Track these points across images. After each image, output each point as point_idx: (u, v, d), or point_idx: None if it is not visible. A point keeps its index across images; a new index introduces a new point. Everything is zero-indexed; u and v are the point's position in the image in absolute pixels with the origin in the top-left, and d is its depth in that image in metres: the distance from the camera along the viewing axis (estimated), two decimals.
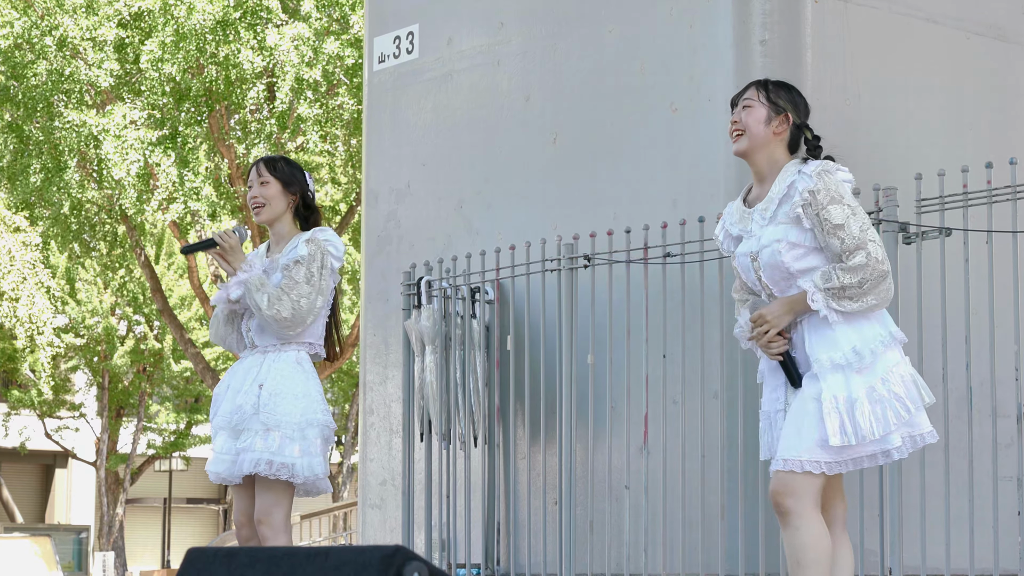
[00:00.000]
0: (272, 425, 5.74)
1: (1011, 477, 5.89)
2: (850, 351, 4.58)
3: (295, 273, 5.83)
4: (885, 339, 4.62)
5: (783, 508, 4.59)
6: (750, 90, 4.86)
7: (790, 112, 4.81)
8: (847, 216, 4.63)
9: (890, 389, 4.56)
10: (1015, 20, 7.09)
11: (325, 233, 5.95)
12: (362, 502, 7.97)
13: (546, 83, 7.24)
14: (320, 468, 5.76)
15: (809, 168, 4.71)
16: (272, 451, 5.72)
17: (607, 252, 6.52)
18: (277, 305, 5.79)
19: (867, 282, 4.58)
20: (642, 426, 6.42)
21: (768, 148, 4.80)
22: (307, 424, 5.77)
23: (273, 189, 6.01)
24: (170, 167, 18.88)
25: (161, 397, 33.66)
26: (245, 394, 5.82)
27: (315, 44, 18.46)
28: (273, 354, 5.87)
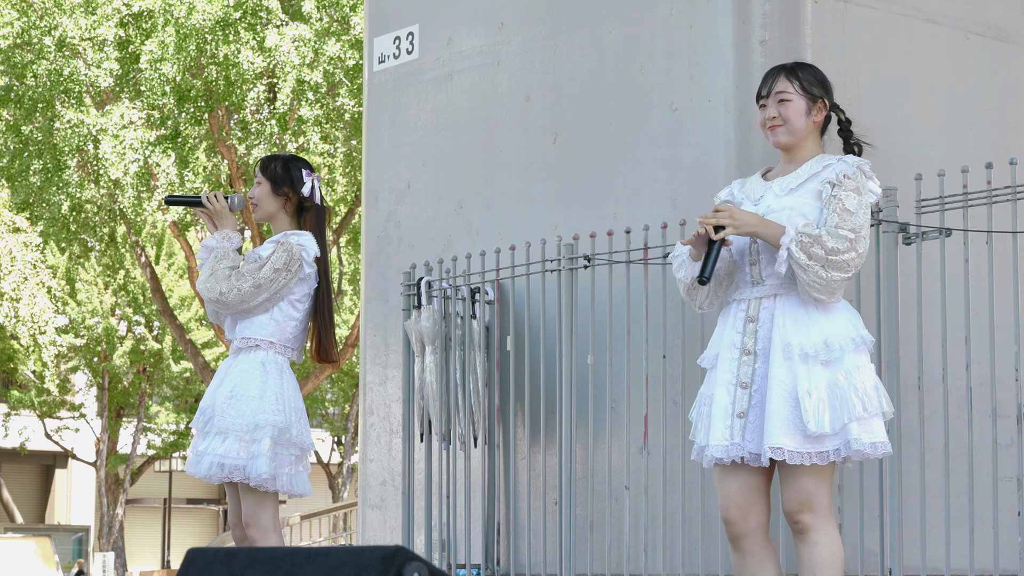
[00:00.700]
0: (224, 428, 5.82)
1: (1011, 477, 5.89)
2: (820, 342, 4.58)
3: (245, 267, 5.90)
4: (856, 340, 4.63)
5: (802, 524, 4.56)
6: (780, 80, 4.81)
7: (824, 97, 4.82)
8: (859, 208, 4.63)
9: (852, 383, 4.57)
10: (1015, 20, 7.09)
11: (300, 236, 5.98)
12: (362, 502, 7.97)
13: (546, 83, 7.24)
14: (264, 468, 5.78)
15: (851, 159, 4.72)
16: (222, 454, 5.80)
17: (607, 252, 6.52)
18: (212, 282, 5.92)
19: (838, 258, 4.56)
20: (642, 426, 6.42)
21: (807, 139, 4.82)
22: (255, 426, 5.81)
23: (263, 190, 6.06)
24: (170, 167, 18.88)
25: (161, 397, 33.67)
26: (210, 396, 5.93)
27: (316, 45, 18.46)
28: (243, 355, 5.94)
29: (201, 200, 6.06)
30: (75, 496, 38.55)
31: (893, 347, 5.76)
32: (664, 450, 6.32)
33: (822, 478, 4.58)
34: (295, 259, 5.89)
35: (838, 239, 4.57)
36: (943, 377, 5.80)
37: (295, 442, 5.88)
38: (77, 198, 19.90)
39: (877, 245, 5.88)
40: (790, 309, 4.64)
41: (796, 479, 4.57)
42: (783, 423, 4.54)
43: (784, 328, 4.61)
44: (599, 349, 6.57)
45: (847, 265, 4.57)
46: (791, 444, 4.53)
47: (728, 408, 4.66)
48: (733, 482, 4.70)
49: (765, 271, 4.71)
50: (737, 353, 4.69)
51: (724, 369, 4.71)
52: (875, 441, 4.58)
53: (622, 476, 6.47)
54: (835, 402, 4.54)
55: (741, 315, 4.73)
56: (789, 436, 4.54)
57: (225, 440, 5.81)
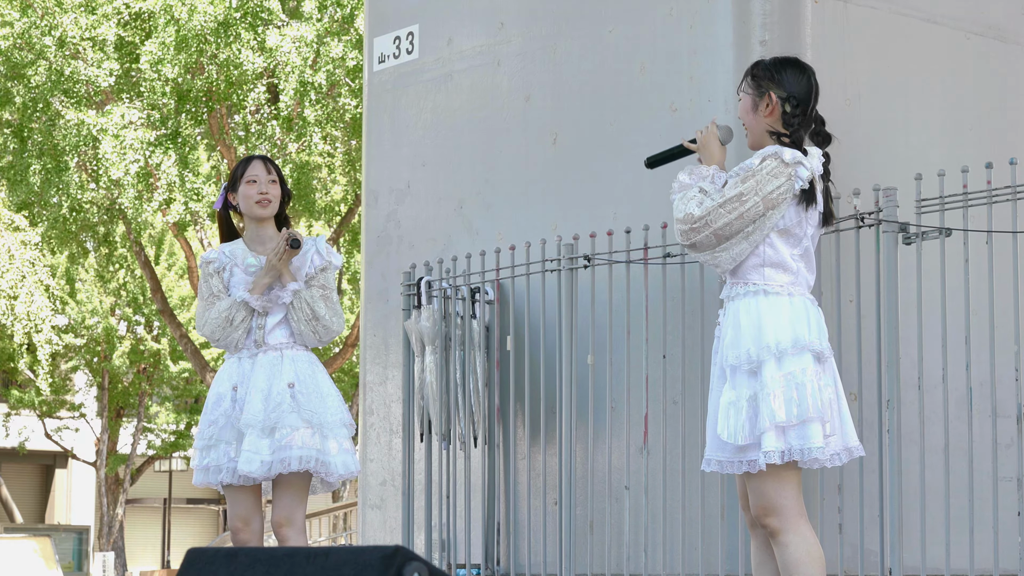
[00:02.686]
0: (314, 424, 5.75)
1: (1011, 477, 5.89)
2: (744, 352, 4.60)
3: (326, 280, 5.92)
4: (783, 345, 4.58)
5: (769, 528, 4.60)
6: (744, 79, 4.84)
7: (772, 90, 4.75)
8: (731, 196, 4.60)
9: (773, 391, 4.55)
10: (1015, 21, 7.09)
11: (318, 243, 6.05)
12: (362, 502, 7.96)
13: (546, 83, 7.24)
14: (354, 466, 5.80)
15: (765, 150, 4.69)
16: (319, 449, 5.73)
17: (607, 252, 6.51)
18: (333, 316, 5.88)
19: (688, 213, 4.61)
20: (642, 426, 6.41)
21: (764, 138, 4.76)
22: (342, 424, 5.81)
23: (278, 190, 6.06)
24: (170, 167, 18.87)
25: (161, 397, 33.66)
26: (279, 393, 5.78)
27: (317, 46, 18.45)
28: (291, 353, 5.88)
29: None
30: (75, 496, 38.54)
31: (893, 347, 5.76)
32: (664, 450, 6.32)
33: (782, 481, 4.59)
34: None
35: (687, 203, 4.64)
36: (943, 377, 5.80)
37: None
38: (77, 198, 19.89)
39: (877, 245, 5.88)
40: (733, 317, 4.68)
41: (756, 485, 4.63)
42: (714, 435, 4.67)
43: (724, 340, 4.68)
44: (599, 349, 6.56)
45: (684, 235, 4.64)
46: (720, 455, 4.64)
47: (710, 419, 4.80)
48: (737, 478, 4.81)
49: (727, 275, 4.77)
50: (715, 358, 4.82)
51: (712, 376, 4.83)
52: (805, 447, 4.53)
53: (622, 476, 6.47)
54: (752, 412, 4.56)
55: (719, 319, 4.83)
56: (719, 448, 4.63)
57: (313, 435, 5.74)
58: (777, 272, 4.65)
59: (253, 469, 5.71)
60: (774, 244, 4.64)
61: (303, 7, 18.76)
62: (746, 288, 4.65)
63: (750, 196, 4.58)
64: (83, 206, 20.35)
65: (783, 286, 4.64)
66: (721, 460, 4.63)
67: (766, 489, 4.59)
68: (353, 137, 19.68)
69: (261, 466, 5.70)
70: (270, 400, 5.78)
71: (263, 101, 19.19)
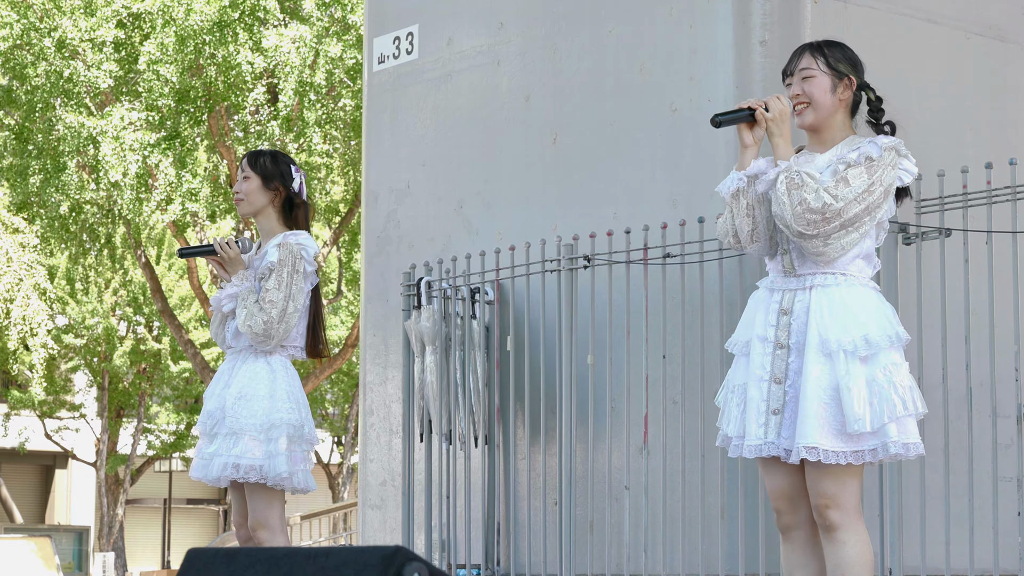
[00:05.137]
0: (238, 429, 5.79)
1: (1011, 478, 5.89)
2: (860, 337, 4.49)
3: (267, 282, 5.87)
4: (892, 337, 4.54)
5: (828, 522, 4.48)
6: (805, 57, 4.69)
7: (852, 75, 4.73)
8: (862, 185, 4.53)
9: (891, 381, 4.49)
10: (1014, 20, 7.09)
11: (298, 237, 5.96)
12: (362, 503, 7.96)
13: (546, 83, 7.24)
14: (283, 467, 5.78)
15: (882, 140, 4.63)
16: (237, 454, 5.77)
17: (607, 252, 6.51)
18: (251, 320, 5.84)
19: (806, 213, 4.47)
20: (642, 426, 6.41)
21: (834, 118, 4.71)
22: (271, 425, 5.80)
23: (253, 184, 6.03)
24: (168, 168, 18.87)
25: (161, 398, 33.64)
26: (217, 398, 5.89)
27: (316, 46, 18.45)
28: (246, 355, 5.92)
29: (214, 249, 6.04)
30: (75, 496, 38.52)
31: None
32: (664, 450, 6.32)
33: (852, 476, 4.48)
34: (299, 259, 5.88)
35: (817, 196, 4.51)
36: (943, 377, 5.80)
37: (307, 439, 5.90)
38: (76, 199, 19.89)
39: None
40: (827, 303, 4.54)
41: (824, 476, 4.47)
42: (818, 421, 4.44)
43: (821, 322, 4.51)
44: (599, 349, 6.56)
45: (812, 225, 4.48)
46: (827, 443, 4.42)
47: (762, 405, 4.56)
48: (778, 475, 4.62)
49: (796, 263, 4.63)
50: (771, 347, 4.60)
51: (757, 363, 4.60)
52: (909, 442, 4.49)
53: (622, 476, 6.47)
54: (874, 400, 4.45)
55: (775, 306, 4.62)
56: (824, 435, 4.44)
57: (239, 441, 5.78)
58: (866, 264, 4.61)
59: (200, 474, 5.88)
60: (871, 236, 4.62)
61: (302, 7, 18.76)
62: (835, 278, 4.56)
63: (876, 187, 4.55)
64: (82, 206, 20.36)
65: (869, 279, 4.62)
66: (828, 450, 4.41)
67: (836, 482, 4.43)
68: (353, 137, 19.68)
69: (206, 473, 5.83)
70: (211, 407, 5.90)
71: (262, 102, 19.19)
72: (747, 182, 4.67)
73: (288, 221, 6.04)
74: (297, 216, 6.06)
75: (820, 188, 4.50)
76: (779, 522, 4.67)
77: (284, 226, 6.02)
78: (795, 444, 4.46)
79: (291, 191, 6.02)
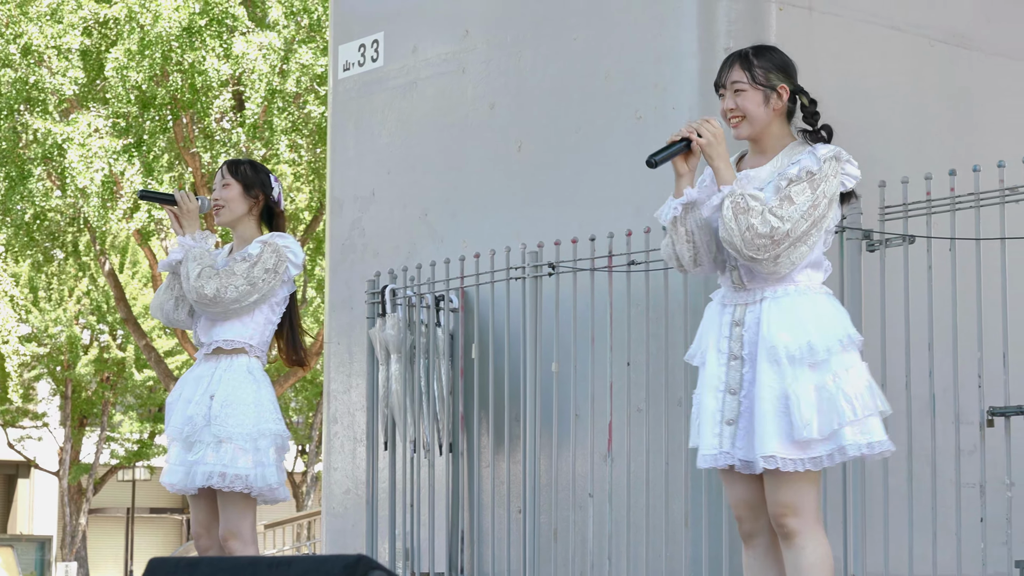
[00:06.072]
0: (224, 437, 5.70)
1: (974, 483, 5.91)
2: (805, 344, 4.52)
3: (236, 266, 5.81)
4: (843, 340, 4.56)
5: (787, 529, 4.48)
6: (735, 70, 4.70)
7: (783, 82, 4.73)
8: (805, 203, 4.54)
9: (840, 387, 4.51)
10: (978, 27, 7.12)
11: (285, 239, 5.93)
12: (326, 511, 7.94)
13: (511, 91, 7.24)
14: (274, 478, 5.72)
15: (821, 151, 4.64)
16: (225, 463, 5.68)
17: (572, 260, 6.52)
18: (204, 280, 5.75)
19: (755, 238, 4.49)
20: (606, 434, 6.41)
21: (770, 128, 4.72)
22: (259, 434, 5.73)
23: (233, 191, 5.99)
24: (134, 175, 18.82)
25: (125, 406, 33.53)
26: (197, 404, 5.78)
27: (284, 53, 18.43)
28: (225, 362, 5.83)
29: (174, 198, 5.99)
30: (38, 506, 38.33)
31: None
32: (628, 458, 6.32)
33: (808, 483, 4.50)
34: (283, 261, 5.84)
35: (764, 220, 4.51)
36: (906, 383, 5.81)
37: (286, 449, 5.87)
38: (41, 206, 19.81)
39: (841, 252, 5.90)
40: (776, 312, 4.57)
41: (781, 485, 4.48)
42: (773, 430, 4.46)
43: (769, 331, 4.53)
44: (564, 357, 6.56)
45: (762, 249, 4.49)
46: (783, 451, 4.46)
47: (717, 415, 4.59)
48: (738, 484, 4.64)
49: (745, 277, 4.65)
50: (725, 358, 4.62)
51: (712, 374, 4.62)
52: (872, 441, 4.51)
53: (586, 484, 6.47)
54: (823, 406, 4.47)
55: (727, 318, 4.64)
56: (780, 443, 4.46)
57: (222, 448, 5.69)
58: (815, 271, 4.62)
59: (175, 481, 5.76)
60: (819, 244, 4.62)
61: (269, 14, 18.74)
62: (785, 288, 4.58)
63: (820, 200, 4.55)
64: (47, 214, 20.27)
65: (820, 284, 4.63)
66: (785, 458, 4.42)
67: (793, 488, 4.44)
68: (318, 145, 19.66)
69: (180, 478, 5.73)
70: (191, 413, 5.79)
71: (228, 108, 19.15)
72: (683, 210, 4.68)
73: (266, 230, 6.03)
74: (276, 225, 6.04)
75: (766, 211, 4.50)
76: (741, 530, 4.69)
77: (260, 234, 6.00)
78: (755, 455, 4.48)
79: (271, 200, 6.01)
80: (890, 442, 4.56)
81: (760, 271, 4.55)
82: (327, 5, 17.84)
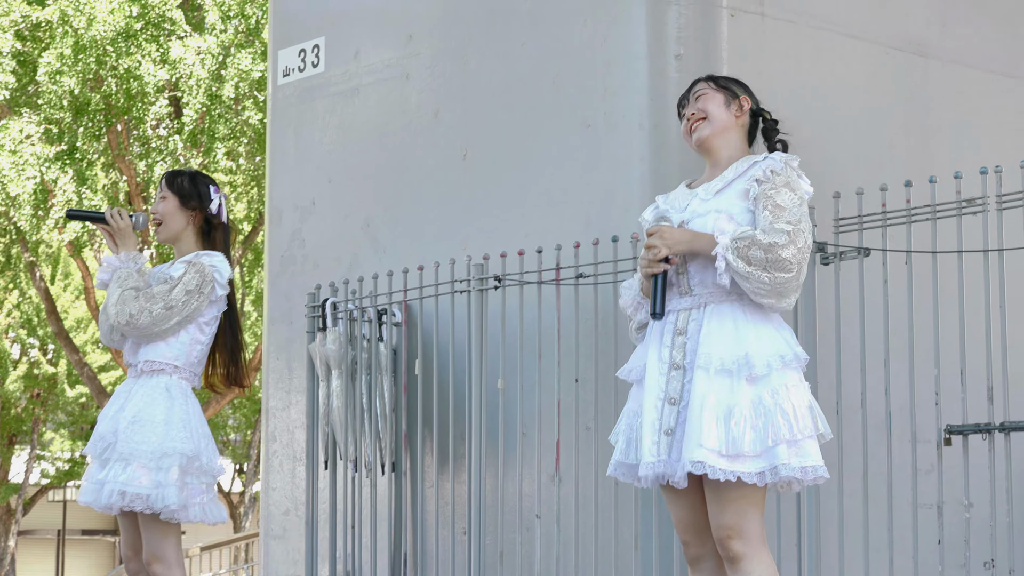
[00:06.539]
0: (128, 454, 5.70)
1: (931, 504, 5.93)
2: (742, 356, 4.52)
3: (156, 288, 5.80)
4: (785, 357, 4.57)
5: (732, 553, 4.48)
6: (699, 84, 4.83)
7: (747, 96, 4.81)
8: (793, 203, 4.59)
9: (777, 403, 4.51)
10: (934, 35, 7.16)
11: (212, 257, 5.91)
12: (264, 533, 7.90)
13: (456, 98, 7.23)
14: (174, 498, 5.69)
15: (779, 155, 4.69)
16: (124, 481, 5.68)
17: (518, 273, 6.51)
18: (121, 304, 5.77)
19: (778, 254, 4.50)
20: (554, 453, 6.40)
21: (728, 134, 4.77)
22: (163, 453, 5.71)
23: (170, 205, 5.97)
24: (67, 184, 18.70)
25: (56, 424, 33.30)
26: (110, 421, 5.81)
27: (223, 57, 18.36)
28: (144, 379, 5.84)
29: (104, 216, 5.96)
30: None
31: (810, 370, 5.78)
32: (576, 477, 6.31)
33: (752, 504, 4.50)
34: (208, 280, 5.82)
35: (774, 234, 4.51)
36: (861, 401, 5.83)
37: (205, 470, 5.82)
38: None
39: None
40: (717, 321, 4.58)
41: (724, 503, 4.49)
42: (705, 438, 4.46)
43: (708, 340, 4.55)
44: (510, 373, 6.55)
45: (789, 263, 4.50)
46: (712, 459, 4.46)
47: (656, 424, 4.60)
48: (683, 506, 4.65)
49: (693, 280, 4.66)
50: (666, 368, 4.63)
51: (652, 384, 4.64)
52: (806, 465, 4.50)
53: (533, 504, 6.46)
54: (758, 422, 4.47)
55: (670, 327, 4.67)
56: (708, 451, 4.47)
57: (127, 467, 5.69)
58: None
59: (90, 500, 5.78)
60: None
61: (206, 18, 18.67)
62: (728, 295, 4.59)
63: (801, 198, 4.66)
64: None
65: None
66: (715, 466, 4.41)
67: (735, 509, 4.47)
68: (257, 153, 19.59)
69: (93, 496, 5.75)
70: (103, 431, 5.83)
71: (164, 115, 19.06)
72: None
73: (206, 244, 6.00)
74: (215, 238, 6.02)
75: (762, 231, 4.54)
76: (687, 554, 4.69)
77: (202, 249, 5.98)
78: (682, 460, 4.48)
79: (208, 212, 5.98)
80: (824, 468, 4.57)
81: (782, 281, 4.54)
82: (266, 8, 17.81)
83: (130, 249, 5.93)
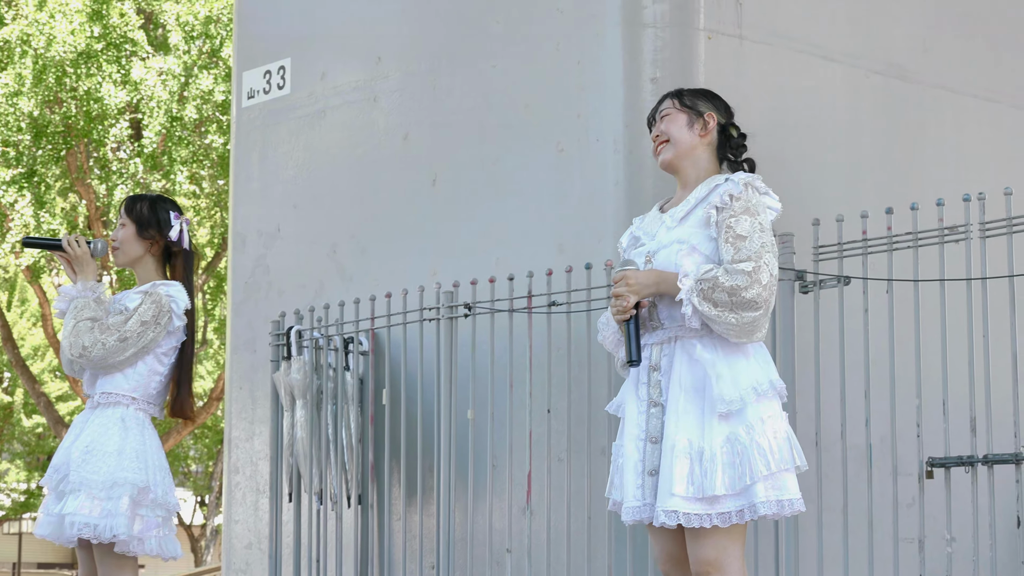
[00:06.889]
0: (77, 484, 5.73)
1: (912, 538, 5.92)
2: (716, 395, 4.52)
3: (111, 319, 5.80)
4: (761, 388, 4.57)
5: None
6: (665, 102, 4.85)
7: (713, 113, 4.82)
8: (753, 231, 4.59)
9: (753, 439, 4.50)
10: (915, 59, 7.17)
11: (169, 287, 5.91)
12: (226, 567, 7.86)
13: (425, 121, 7.21)
14: (122, 528, 5.71)
15: (737, 176, 4.69)
16: (73, 510, 5.71)
17: (489, 300, 6.49)
18: (75, 336, 5.79)
19: (742, 296, 4.51)
20: (525, 485, 6.38)
21: (694, 154, 4.78)
22: (114, 483, 5.73)
23: (128, 232, 5.98)
24: (25, 207, 18.64)
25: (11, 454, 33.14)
26: (65, 451, 5.84)
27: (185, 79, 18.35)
28: (100, 410, 5.86)
29: (61, 244, 5.95)
30: None
31: (790, 401, 5.77)
32: (548, 510, 6.28)
33: (731, 539, 4.50)
34: (164, 311, 5.82)
35: (736, 276, 4.51)
36: (841, 433, 5.81)
37: (160, 503, 5.81)
38: None
39: None
40: (687, 356, 4.59)
41: (703, 543, 4.49)
42: (679, 483, 4.47)
43: (680, 378, 4.56)
44: (480, 403, 6.52)
45: (754, 303, 4.51)
46: (687, 506, 4.47)
47: (639, 465, 4.61)
48: (665, 538, 4.66)
49: (663, 314, 4.67)
50: (644, 406, 4.64)
51: (632, 422, 4.66)
52: (783, 499, 4.51)
53: (504, 538, 6.43)
54: (735, 460, 4.47)
55: (645, 363, 4.69)
56: (684, 498, 4.48)
57: (77, 496, 5.71)
58: None
59: (46, 534, 5.83)
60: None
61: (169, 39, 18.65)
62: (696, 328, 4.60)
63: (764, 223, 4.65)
64: None
65: None
66: (689, 513, 4.44)
67: (714, 545, 4.46)
68: (220, 176, 19.56)
69: (60, 532, 5.78)
70: (57, 462, 5.87)
71: (125, 137, 19.02)
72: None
73: (166, 271, 5.99)
74: (175, 265, 6.01)
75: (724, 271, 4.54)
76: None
77: (162, 277, 5.96)
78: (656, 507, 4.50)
79: (169, 240, 5.97)
80: (802, 501, 4.59)
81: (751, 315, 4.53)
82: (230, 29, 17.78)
83: (88, 277, 5.92)
